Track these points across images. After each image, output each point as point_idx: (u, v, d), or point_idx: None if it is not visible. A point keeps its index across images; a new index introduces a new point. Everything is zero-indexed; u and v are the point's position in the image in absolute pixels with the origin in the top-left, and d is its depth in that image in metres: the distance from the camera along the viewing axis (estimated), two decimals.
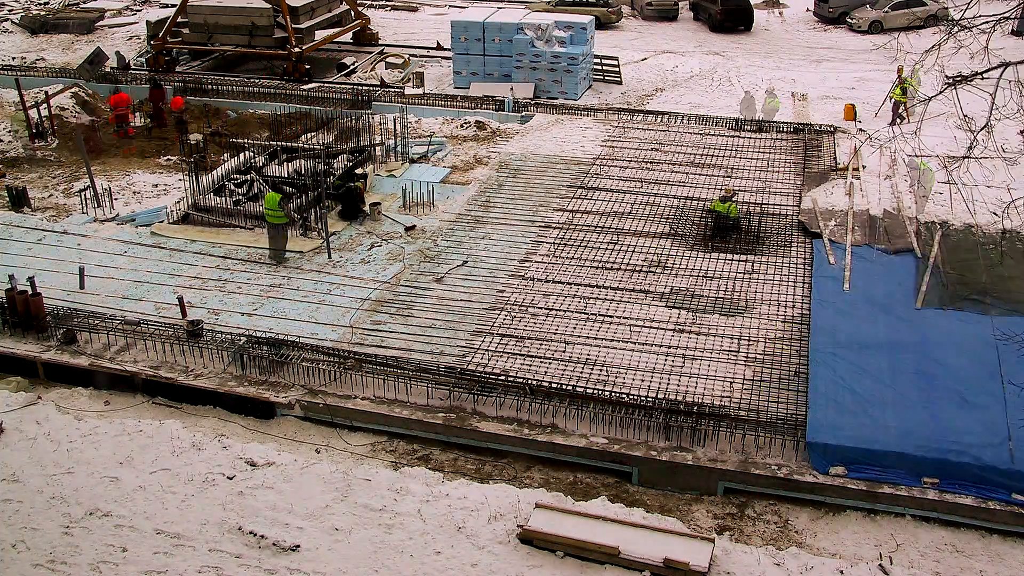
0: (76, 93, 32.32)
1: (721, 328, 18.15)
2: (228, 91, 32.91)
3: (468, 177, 26.03)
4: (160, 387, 17.13)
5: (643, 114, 30.31)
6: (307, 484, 14.35)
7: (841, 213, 22.30)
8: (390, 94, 31.95)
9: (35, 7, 46.60)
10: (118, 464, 14.81)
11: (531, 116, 30.25)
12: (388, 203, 23.98)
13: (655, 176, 25.21)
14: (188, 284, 20.07)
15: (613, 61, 35.20)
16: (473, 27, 33.96)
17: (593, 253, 21.17)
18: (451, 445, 15.96)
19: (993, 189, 23.34)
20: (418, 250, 21.45)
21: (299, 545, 13.16)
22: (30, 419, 15.89)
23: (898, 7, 41.84)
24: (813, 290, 19.09)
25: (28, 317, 18.13)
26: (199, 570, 12.83)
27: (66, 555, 13.08)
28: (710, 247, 21.27)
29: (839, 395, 15.63)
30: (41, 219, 23.55)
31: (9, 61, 37.66)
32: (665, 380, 16.55)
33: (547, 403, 15.84)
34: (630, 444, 15.21)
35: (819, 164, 25.82)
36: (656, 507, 14.53)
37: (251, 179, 24.30)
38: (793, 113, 30.88)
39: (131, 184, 26.03)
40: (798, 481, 14.44)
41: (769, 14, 47.26)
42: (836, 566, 12.95)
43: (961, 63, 12.69)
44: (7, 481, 14.46)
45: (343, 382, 16.74)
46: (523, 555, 13.02)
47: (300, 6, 36.39)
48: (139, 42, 40.66)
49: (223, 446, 15.24)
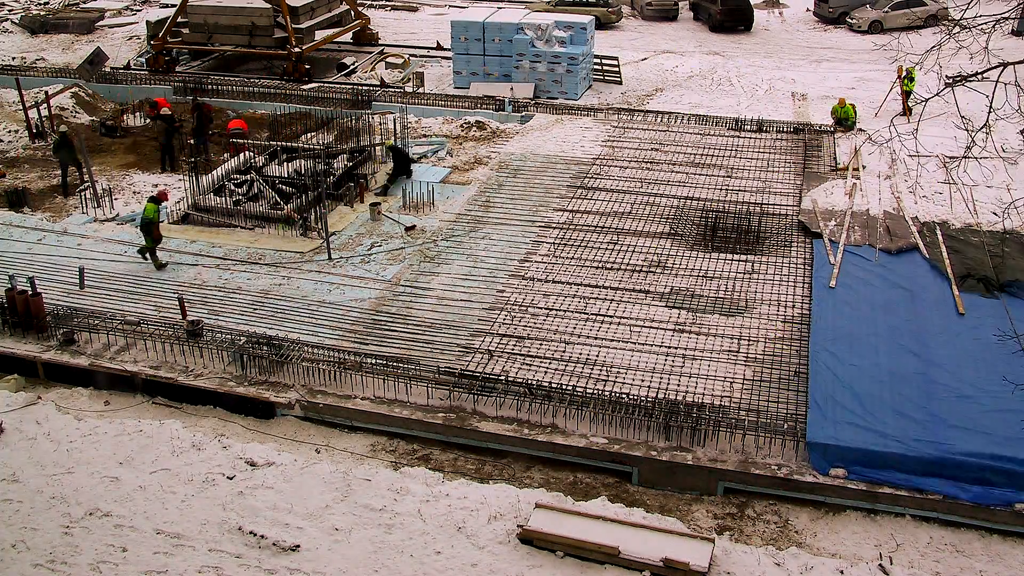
0: (76, 93, 32.35)
1: (721, 328, 18.15)
2: (228, 91, 32.94)
3: (468, 177, 26.03)
4: (160, 387, 17.14)
5: (643, 114, 30.32)
6: (307, 484, 14.35)
7: (841, 213, 22.31)
8: (390, 94, 31.98)
9: (35, 7, 46.61)
10: (118, 464, 14.81)
11: (531, 116, 30.25)
12: (388, 203, 23.99)
13: (655, 176, 25.21)
14: (188, 284, 20.08)
15: (613, 61, 35.21)
16: (473, 27, 33.96)
17: (593, 253, 21.18)
18: (451, 445, 15.96)
19: (993, 189, 23.36)
20: (418, 250, 21.46)
21: (299, 545, 13.16)
22: (30, 419, 15.89)
23: (898, 7, 41.83)
24: (813, 290, 19.09)
25: (28, 317, 18.13)
26: (199, 570, 12.83)
27: (66, 555, 13.08)
28: (710, 247, 21.28)
29: (839, 395, 15.63)
30: (41, 219, 23.56)
31: (9, 61, 37.66)
32: (665, 380, 16.55)
33: (547, 403, 15.85)
34: (630, 444, 15.21)
35: (819, 164, 25.83)
36: (656, 507, 14.53)
37: (251, 179, 24.31)
38: (793, 113, 30.90)
39: (131, 184, 26.05)
40: (798, 481, 14.44)
41: (769, 14, 47.27)
42: (836, 566, 12.95)
43: (961, 63, 12.71)
44: (7, 481, 14.46)
45: (343, 382, 16.74)
46: (523, 555, 13.02)
47: (300, 6, 36.39)
48: (139, 42, 40.66)
49: (223, 446, 15.24)
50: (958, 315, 18.10)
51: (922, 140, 13.63)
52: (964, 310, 18.21)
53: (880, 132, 25.06)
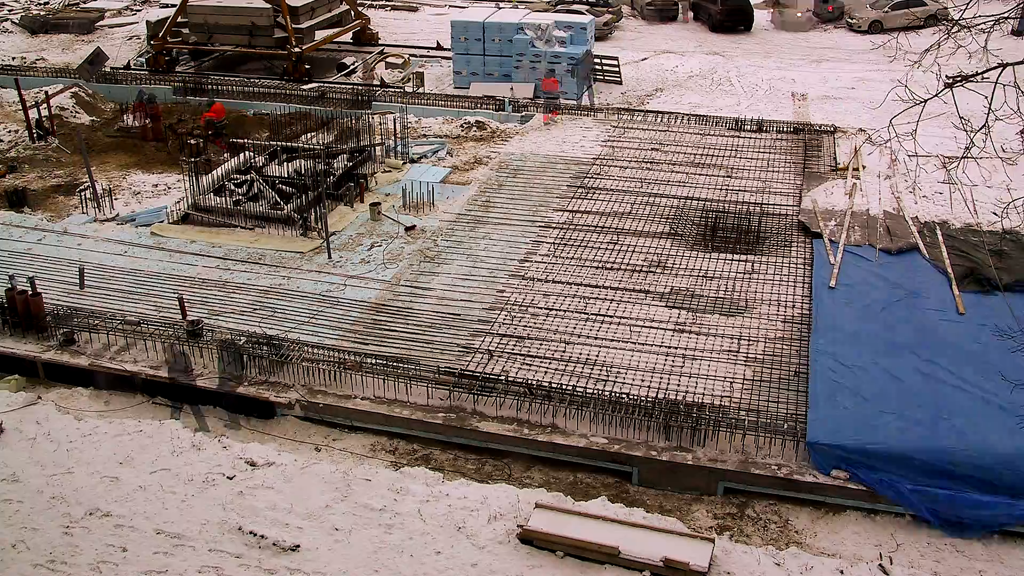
0: (76, 93, 32.33)
1: (721, 328, 18.15)
2: (228, 91, 32.92)
3: (468, 177, 26.03)
4: (160, 387, 17.13)
5: (643, 114, 30.31)
6: (307, 484, 14.34)
7: (841, 213, 22.30)
8: (390, 94, 31.96)
9: (35, 7, 46.59)
10: (118, 464, 14.81)
11: (531, 116, 30.24)
12: (388, 203, 23.99)
13: (655, 176, 25.20)
14: (188, 284, 20.07)
15: (613, 61, 35.20)
16: (473, 27, 33.95)
17: (593, 253, 21.17)
18: (451, 445, 15.96)
19: (993, 189, 23.34)
20: (418, 250, 21.46)
21: (299, 545, 13.16)
22: (30, 419, 15.89)
23: (898, 7, 41.83)
24: (813, 290, 19.08)
25: (28, 317, 18.12)
26: (199, 570, 12.83)
27: (66, 555, 13.08)
28: (710, 247, 21.27)
29: (840, 395, 15.62)
30: (41, 219, 23.56)
31: (9, 61, 37.65)
32: (665, 380, 16.55)
33: (547, 403, 15.84)
34: (630, 444, 15.21)
35: (819, 164, 25.82)
36: (656, 507, 14.53)
37: (251, 179, 24.30)
38: (793, 113, 30.88)
39: (131, 184, 26.04)
40: (798, 481, 14.44)
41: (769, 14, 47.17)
42: (836, 566, 12.95)
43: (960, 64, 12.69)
44: (7, 481, 14.46)
45: (343, 382, 16.74)
46: (523, 555, 13.02)
47: (300, 6, 36.37)
48: (139, 42, 40.65)
49: (223, 446, 15.24)
50: (958, 315, 18.09)
51: (922, 140, 13.58)
52: (964, 310, 18.21)
53: (880, 132, 25.06)
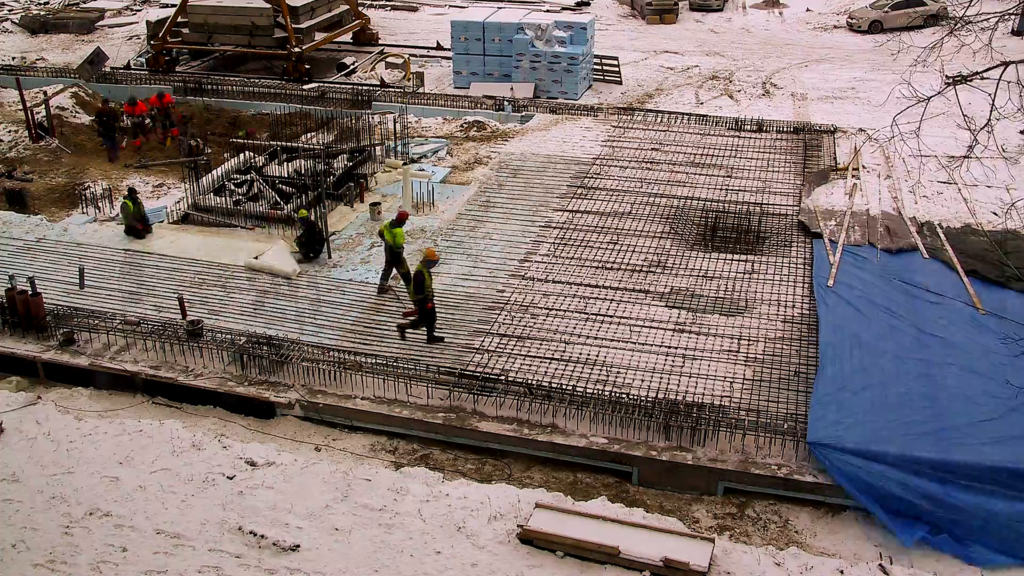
0: (76, 93, 32.33)
1: (721, 328, 18.15)
2: (228, 91, 32.92)
3: (468, 177, 26.02)
4: (160, 387, 17.13)
5: (643, 114, 30.32)
6: (307, 484, 14.34)
7: (841, 213, 22.29)
8: (390, 94, 31.96)
9: (35, 7, 46.60)
10: (118, 464, 14.80)
11: (531, 116, 30.24)
12: (388, 203, 23.98)
13: (655, 176, 25.20)
14: (188, 284, 20.07)
15: (613, 61, 35.20)
16: (473, 27, 33.96)
17: (593, 253, 21.17)
18: (451, 445, 15.96)
19: (994, 189, 23.35)
20: (418, 250, 21.44)
21: (299, 545, 13.15)
22: (30, 419, 15.88)
23: (898, 7, 41.84)
24: (813, 290, 19.08)
25: (28, 317, 18.12)
26: (199, 570, 12.83)
27: (66, 555, 13.07)
28: (710, 247, 21.27)
29: (840, 395, 15.61)
30: (41, 219, 23.55)
31: (9, 61, 37.65)
32: (665, 380, 16.55)
33: (547, 403, 15.84)
34: (630, 444, 15.20)
35: (819, 164, 25.81)
36: (656, 507, 14.52)
37: (251, 179, 24.31)
38: (793, 113, 30.87)
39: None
40: (798, 481, 14.43)
41: (769, 14, 47.23)
42: (836, 566, 12.94)
43: (961, 62, 12.70)
44: (7, 481, 14.46)
45: (343, 382, 16.74)
46: (523, 555, 13.01)
47: (300, 6, 36.37)
48: (139, 42, 40.66)
49: (223, 446, 15.23)
50: (959, 314, 18.07)
51: (922, 140, 13.60)
52: (981, 306, 18.14)
53: (882, 131, 25.08)
